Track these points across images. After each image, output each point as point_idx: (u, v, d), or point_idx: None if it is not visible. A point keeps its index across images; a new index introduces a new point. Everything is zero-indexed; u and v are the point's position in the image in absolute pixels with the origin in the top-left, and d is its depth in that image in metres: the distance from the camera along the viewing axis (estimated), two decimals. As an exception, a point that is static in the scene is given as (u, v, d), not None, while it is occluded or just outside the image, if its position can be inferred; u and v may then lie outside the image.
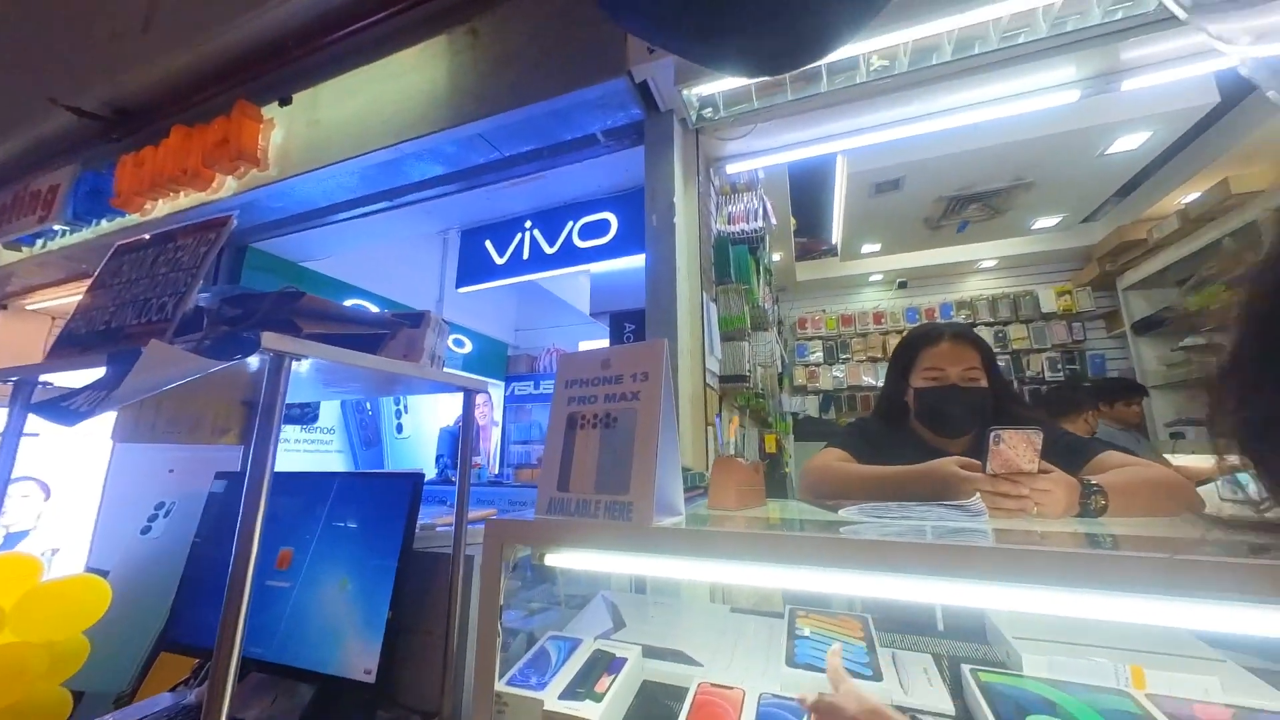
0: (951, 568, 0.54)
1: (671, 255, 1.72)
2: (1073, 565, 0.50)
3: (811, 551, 0.61)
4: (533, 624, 1.16)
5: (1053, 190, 3.12)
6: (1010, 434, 0.79)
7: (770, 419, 3.12)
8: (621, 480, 0.78)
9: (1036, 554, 0.47)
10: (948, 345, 1.14)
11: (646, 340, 1.26)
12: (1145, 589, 0.47)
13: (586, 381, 0.91)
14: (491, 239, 2.71)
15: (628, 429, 0.82)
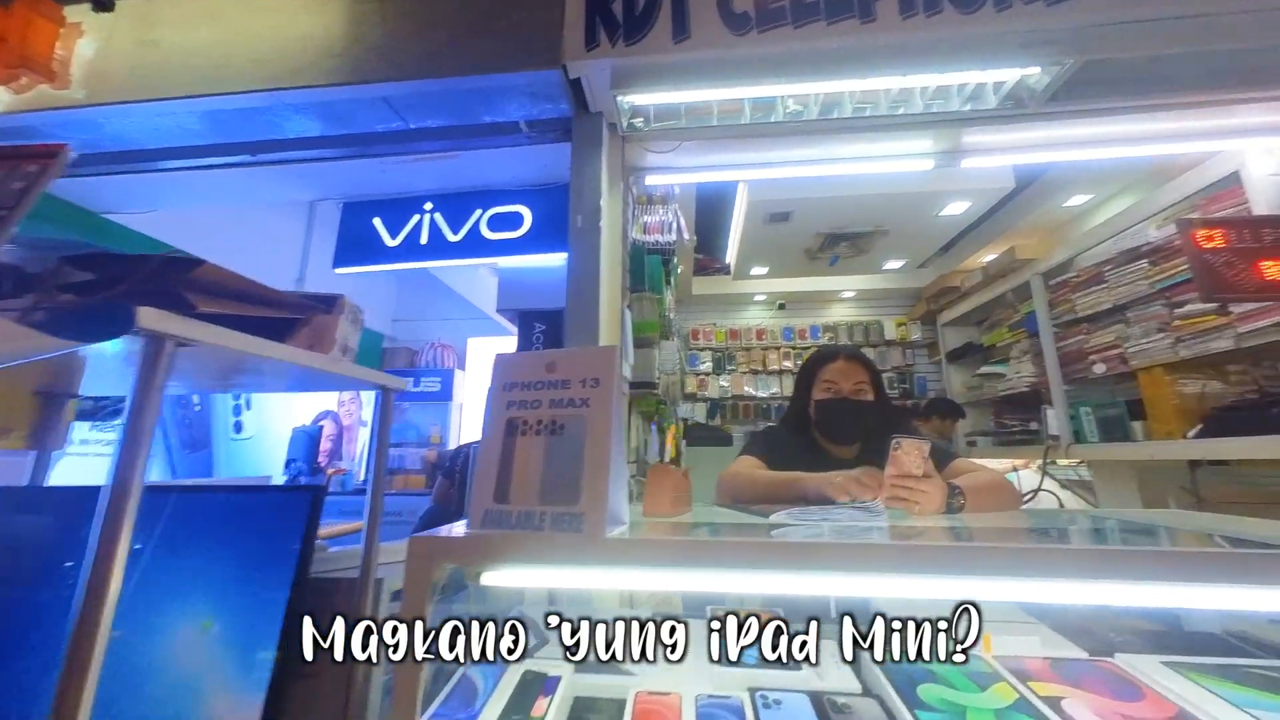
0: (888, 563, 0.62)
1: (595, 258, 1.70)
2: (956, 557, 0.61)
3: (767, 555, 0.65)
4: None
5: (901, 239, 3.75)
6: (908, 443, 0.94)
7: (667, 425, 3.24)
8: (570, 491, 0.75)
9: (966, 549, 0.56)
10: (842, 364, 1.33)
11: (594, 347, 1.22)
12: (999, 573, 0.60)
13: (529, 385, 0.86)
14: (383, 217, 2.41)
15: (577, 437, 0.79)
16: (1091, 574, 0.59)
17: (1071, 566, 0.60)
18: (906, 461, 0.95)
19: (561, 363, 0.86)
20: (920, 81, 1.56)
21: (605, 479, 0.74)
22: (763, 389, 4.97)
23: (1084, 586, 0.60)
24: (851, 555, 0.64)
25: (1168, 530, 0.87)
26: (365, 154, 2.05)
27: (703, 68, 1.56)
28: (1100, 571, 0.59)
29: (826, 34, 1.46)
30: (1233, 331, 2.15)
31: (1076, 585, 0.60)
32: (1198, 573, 0.57)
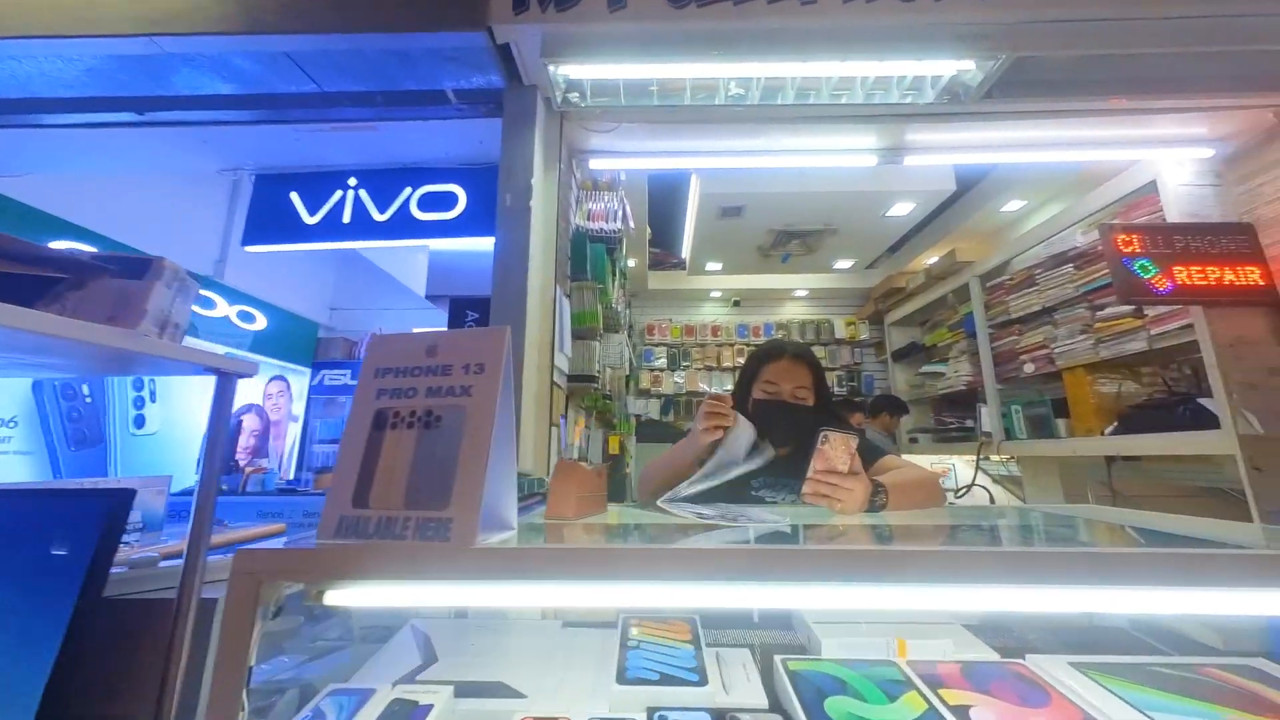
0: (773, 571, 0.55)
1: (525, 240, 1.59)
2: (874, 562, 0.55)
3: (642, 565, 0.57)
4: (311, 672, 0.92)
5: (849, 238, 3.81)
6: (835, 436, 0.90)
7: (616, 421, 3.16)
8: (441, 492, 0.64)
9: (885, 555, 0.50)
10: (786, 363, 1.26)
11: (482, 328, 1.11)
12: (917, 579, 0.54)
13: (405, 371, 0.75)
14: (301, 192, 2.20)
15: (454, 430, 0.68)
16: (1013, 578, 0.55)
17: (995, 570, 0.55)
18: (833, 456, 0.90)
19: (444, 346, 0.75)
20: (860, 70, 1.53)
21: (481, 478, 0.64)
22: (717, 386, 4.97)
23: (1005, 591, 0.56)
24: (758, 563, 0.57)
25: (1088, 525, 0.85)
26: (274, 119, 1.85)
27: (639, 40, 1.47)
28: (1023, 575, 0.54)
29: (767, 13, 1.40)
30: (1145, 334, 2.27)
31: (998, 590, 0.56)
32: (1131, 575, 0.53)
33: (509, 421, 0.74)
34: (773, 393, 1.24)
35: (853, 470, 0.93)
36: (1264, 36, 1.38)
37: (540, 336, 1.70)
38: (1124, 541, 0.76)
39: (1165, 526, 0.80)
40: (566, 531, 0.77)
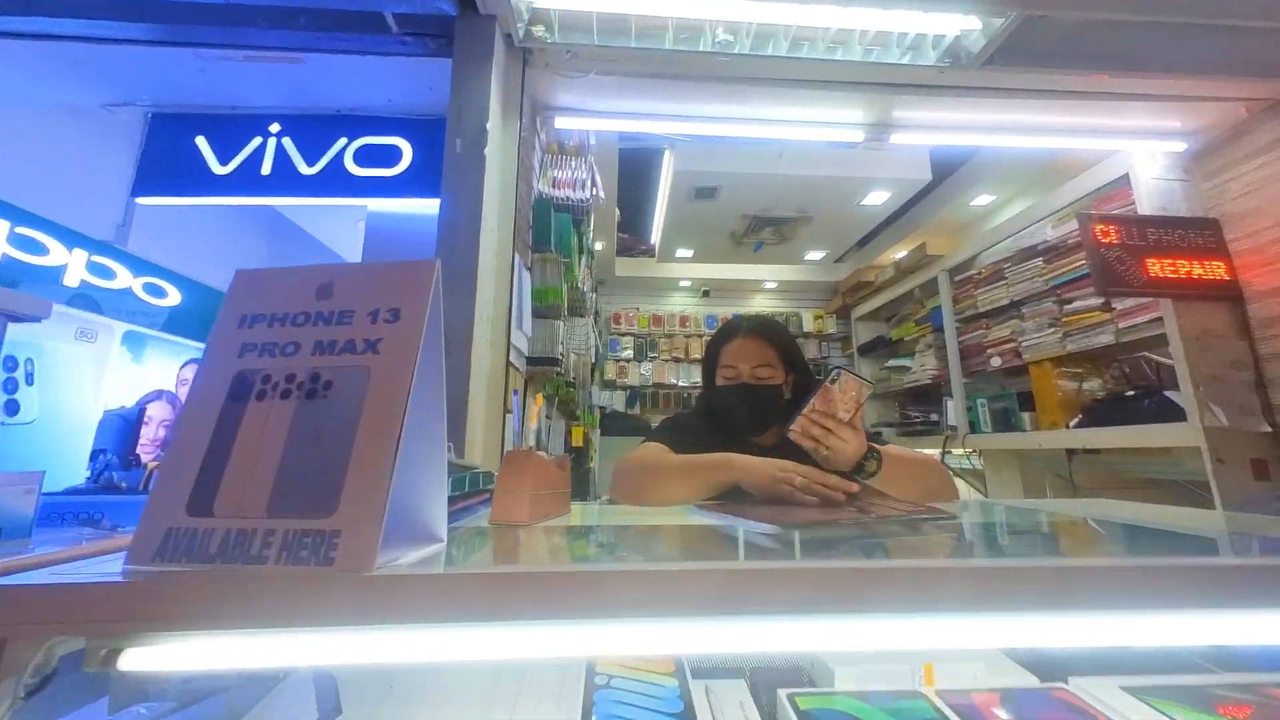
0: (831, 600, 0.37)
1: (478, 196, 1.36)
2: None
3: (627, 595, 0.39)
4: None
5: (823, 227, 3.75)
6: (849, 379, 0.78)
7: (579, 411, 2.95)
8: (325, 493, 0.43)
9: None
10: (741, 342, 1.10)
11: (400, 262, 0.85)
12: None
13: (283, 318, 0.53)
14: (210, 136, 1.86)
15: (351, 400, 0.47)
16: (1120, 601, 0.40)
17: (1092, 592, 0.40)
18: (838, 400, 0.78)
19: (343, 284, 0.54)
20: (862, 20, 1.39)
21: (387, 469, 0.44)
22: (684, 378, 4.84)
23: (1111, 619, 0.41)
24: (778, 586, 0.39)
25: (1133, 531, 0.73)
26: (170, 39, 1.53)
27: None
28: (1134, 597, 0.39)
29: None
30: (1113, 327, 2.28)
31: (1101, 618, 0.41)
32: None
33: (436, 390, 0.54)
34: (732, 377, 1.09)
35: (853, 424, 0.82)
36: (1268, 13, 1.33)
37: (495, 310, 1.48)
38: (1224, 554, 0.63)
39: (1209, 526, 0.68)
40: (518, 543, 0.58)
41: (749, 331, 1.11)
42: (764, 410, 1.08)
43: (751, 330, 1.11)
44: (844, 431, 0.81)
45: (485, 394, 1.35)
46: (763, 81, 1.73)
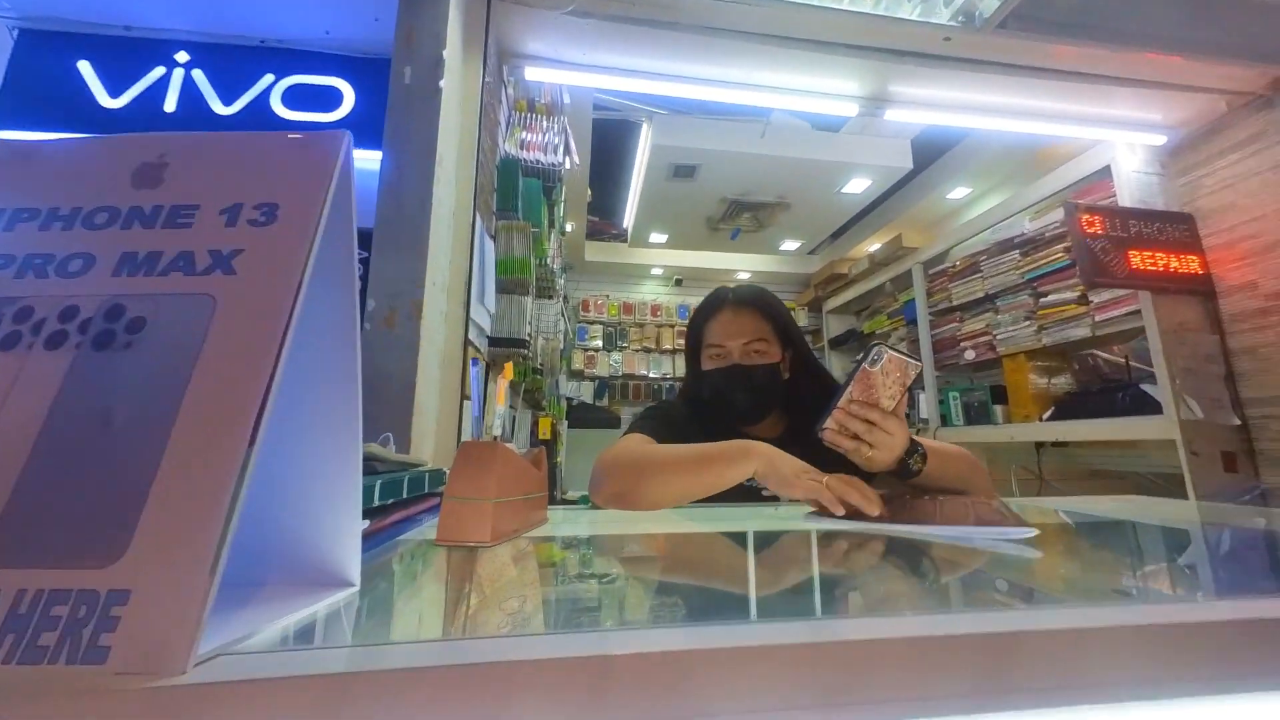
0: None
1: (431, 138, 1.13)
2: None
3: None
4: None
5: (801, 215, 3.67)
6: (892, 358, 0.61)
7: (546, 401, 2.74)
8: (107, 518, 0.23)
9: None
10: (729, 315, 0.93)
11: (278, 134, 0.58)
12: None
13: (70, 217, 0.31)
14: (95, 60, 1.53)
15: (176, 354, 0.27)
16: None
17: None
18: (881, 386, 0.62)
19: (183, 163, 0.33)
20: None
21: (232, 474, 0.24)
22: (655, 369, 4.69)
23: None
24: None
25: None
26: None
27: None
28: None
29: None
30: (1090, 320, 2.28)
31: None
32: None
33: (344, 352, 0.34)
34: (720, 357, 0.92)
35: (897, 413, 0.65)
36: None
37: (452, 279, 1.26)
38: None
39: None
40: (478, 584, 0.39)
41: (737, 303, 0.94)
42: (761, 394, 0.91)
43: (740, 301, 0.94)
44: (890, 424, 0.64)
45: (439, 375, 1.14)
46: (756, 38, 1.57)
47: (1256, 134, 1.88)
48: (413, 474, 0.59)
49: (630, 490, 0.75)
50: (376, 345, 1.04)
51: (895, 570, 0.44)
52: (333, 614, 0.29)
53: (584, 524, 0.69)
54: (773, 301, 0.96)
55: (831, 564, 0.45)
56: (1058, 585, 0.41)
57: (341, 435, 0.34)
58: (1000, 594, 0.37)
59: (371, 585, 0.35)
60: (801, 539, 0.54)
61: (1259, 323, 1.89)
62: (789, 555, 0.51)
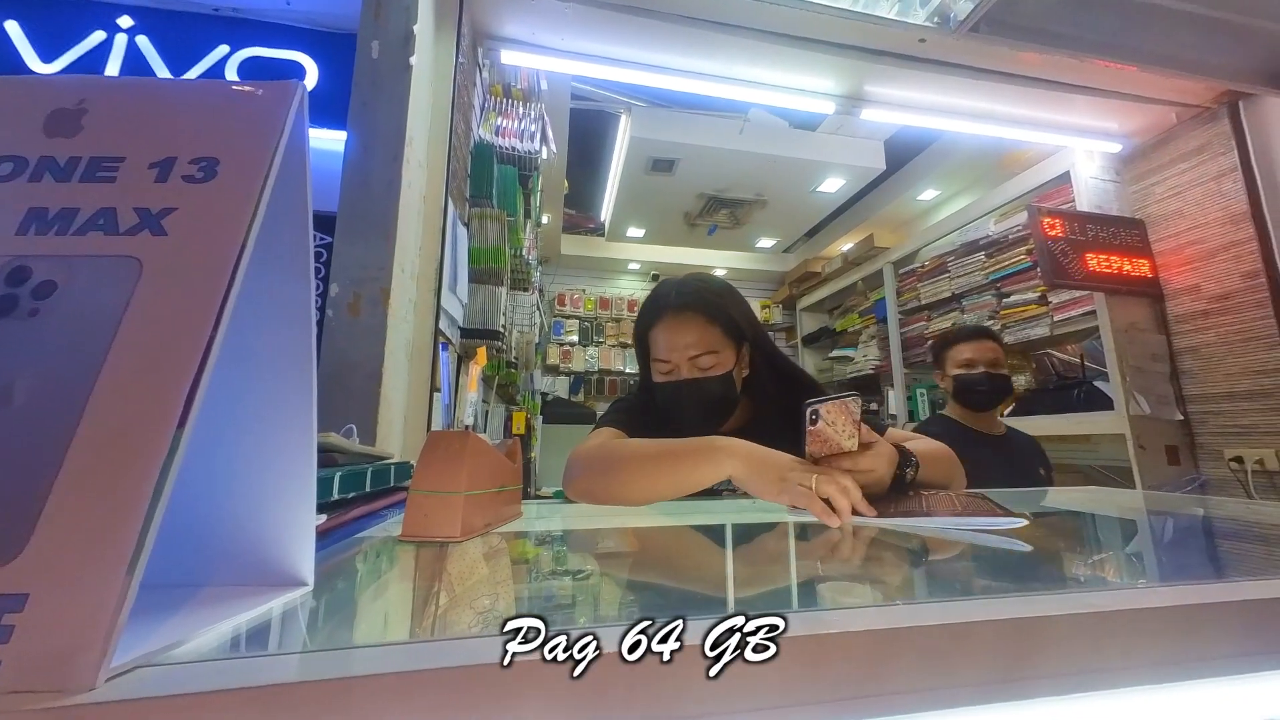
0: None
1: (401, 117, 1.08)
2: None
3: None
4: None
5: (777, 213, 3.70)
6: (828, 409, 0.58)
7: (520, 396, 2.69)
8: (2, 506, 0.20)
9: None
10: (671, 323, 0.85)
11: (218, 82, 0.49)
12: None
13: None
14: (24, 21, 1.41)
15: (93, 323, 0.23)
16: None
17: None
18: (832, 435, 0.59)
19: (105, 110, 0.29)
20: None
21: (157, 461, 0.21)
22: (631, 364, 4.67)
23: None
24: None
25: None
26: None
27: None
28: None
29: None
30: (1049, 320, 2.38)
31: None
32: None
33: (297, 330, 0.31)
34: (667, 373, 0.85)
35: (864, 441, 0.63)
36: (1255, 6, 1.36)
37: (422, 266, 1.21)
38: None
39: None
40: (448, 582, 0.36)
41: (680, 307, 0.85)
42: (715, 407, 0.86)
43: (683, 305, 0.85)
44: (862, 461, 0.61)
45: (407, 365, 1.09)
46: (737, 30, 1.56)
47: (1202, 145, 1.99)
48: (376, 467, 0.55)
49: (599, 487, 0.73)
50: (341, 333, 0.99)
51: (897, 563, 0.44)
52: (280, 617, 0.26)
53: (559, 518, 0.66)
54: (717, 298, 0.87)
55: (816, 559, 0.44)
56: (1059, 572, 0.42)
57: (293, 424, 0.31)
58: (1015, 583, 0.37)
59: (328, 584, 0.32)
60: (785, 533, 0.54)
61: (1201, 324, 2.01)
62: (770, 552, 0.50)
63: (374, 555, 0.43)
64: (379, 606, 0.32)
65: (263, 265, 0.28)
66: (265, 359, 0.30)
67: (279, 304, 0.31)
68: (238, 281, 0.24)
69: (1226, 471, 1.88)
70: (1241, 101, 1.90)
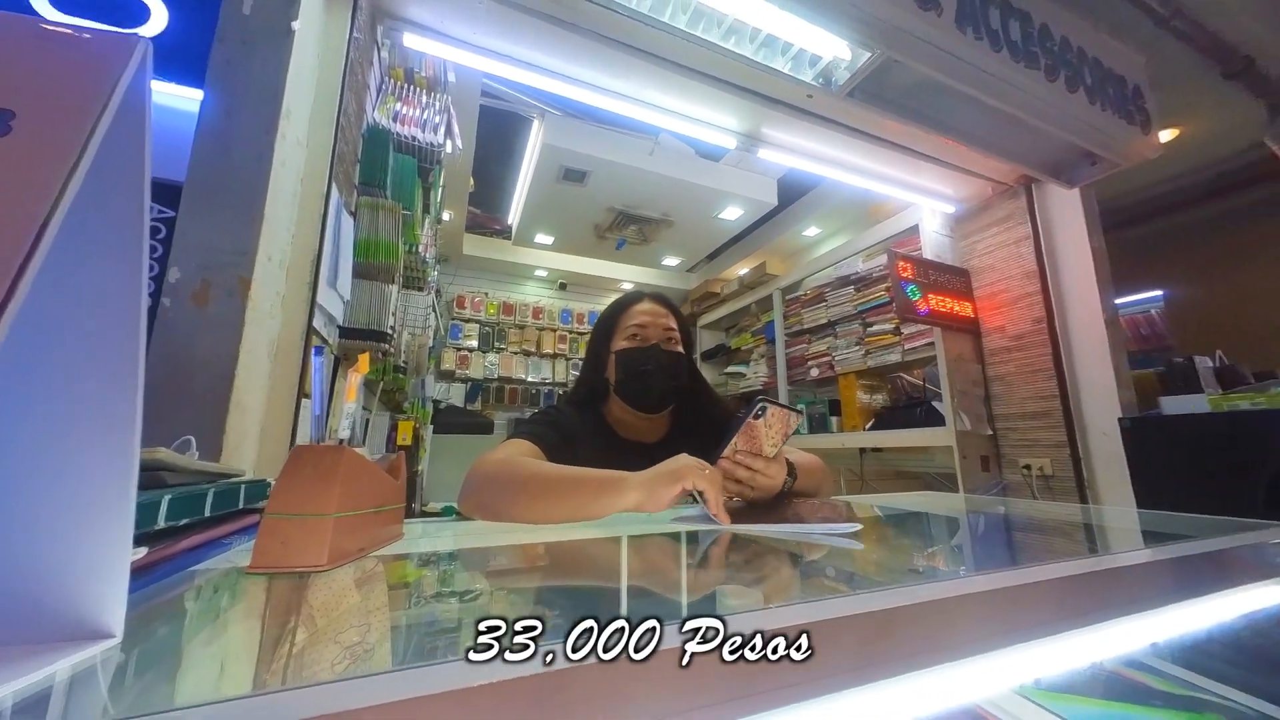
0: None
1: (277, 89, 0.96)
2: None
3: None
4: None
5: (683, 234, 3.89)
6: (775, 411, 0.66)
7: (409, 404, 2.47)
8: None
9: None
10: (649, 304, 1.03)
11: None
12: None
13: None
14: None
15: None
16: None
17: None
18: (764, 436, 0.67)
19: None
20: (756, 15, 1.39)
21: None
22: (534, 373, 4.55)
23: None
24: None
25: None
26: None
27: None
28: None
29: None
30: (900, 348, 2.78)
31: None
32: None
33: (118, 321, 0.26)
34: (640, 338, 0.98)
35: (779, 458, 0.72)
36: (1043, 114, 1.73)
37: (295, 255, 1.07)
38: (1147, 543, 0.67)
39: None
40: (306, 620, 0.32)
41: (655, 298, 1.04)
42: (673, 380, 0.97)
43: (658, 297, 1.05)
44: (771, 469, 0.70)
45: (270, 368, 0.95)
46: (652, 58, 1.63)
47: (1008, 215, 2.50)
48: (221, 487, 0.47)
49: (498, 503, 0.70)
50: (181, 327, 0.83)
51: (759, 567, 0.47)
52: (67, 683, 0.21)
53: (449, 536, 0.62)
54: (680, 312, 1.07)
55: (695, 564, 0.47)
56: (876, 567, 0.48)
57: (106, 438, 0.25)
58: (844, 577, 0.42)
59: (142, 633, 0.27)
60: (673, 541, 0.56)
61: (1005, 357, 2.49)
62: (657, 561, 0.51)
63: (210, 593, 0.37)
64: (209, 655, 0.27)
65: (79, 248, 0.23)
66: (73, 357, 0.25)
67: (96, 291, 0.25)
68: (36, 262, 0.20)
69: (1020, 477, 2.33)
70: (1034, 184, 2.41)
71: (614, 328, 1.02)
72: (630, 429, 1.00)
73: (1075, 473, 2.14)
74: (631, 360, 0.95)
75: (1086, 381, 2.19)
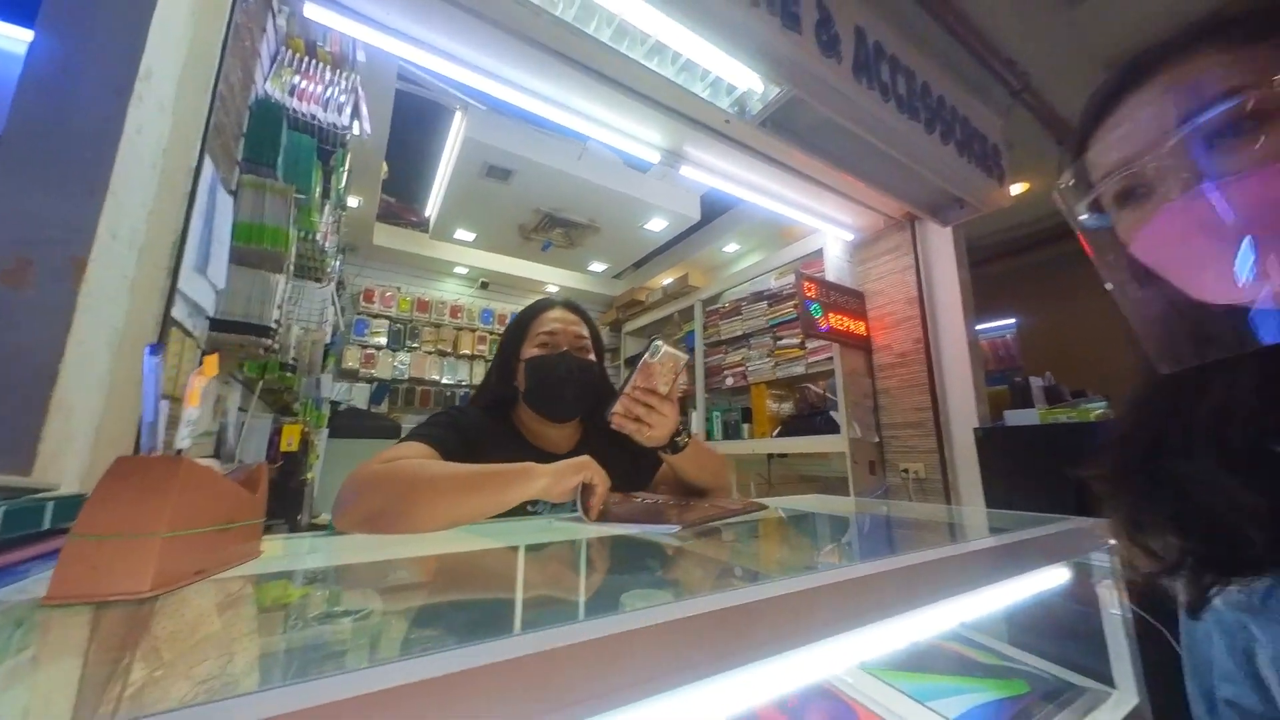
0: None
1: (135, 43, 0.84)
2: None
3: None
4: None
5: (609, 241, 3.91)
6: (667, 352, 0.76)
7: (299, 405, 2.24)
8: None
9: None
10: (560, 311, 1.02)
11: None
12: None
13: None
14: None
15: None
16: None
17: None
18: (659, 374, 0.77)
19: None
20: (679, 40, 1.45)
21: None
22: (450, 375, 4.32)
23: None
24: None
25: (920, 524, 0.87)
26: None
27: None
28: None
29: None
30: (805, 361, 3.01)
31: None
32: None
33: None
34: (550, 345, 0.97)
35: (670, 397, 0.81)
36: (922, 161, 1.96)
37: (150, 233, 0.93)
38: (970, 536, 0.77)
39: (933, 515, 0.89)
40: (120, 650, 0.28)
41: (566, 305, 1.04)
42: (584, 388, 0.96)
43: (569, 304, 1.04)
44: (665, 407, 0.79)
45: (111, 364, 0.82)
46: (579, 67, 1.64)
47: (895, 246, 2.81)
48: (17, 505, 0.40)
49: (393, 509, 0.66)
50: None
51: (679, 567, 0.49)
52: None
53: (323, 553, 0.57)
54: (593, 321, 1.07)
55: (595, 567, 0.48)
56: (783, 556, 0.52)
57: None
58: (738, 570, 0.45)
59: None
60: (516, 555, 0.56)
61: (891, 373, 2.79)
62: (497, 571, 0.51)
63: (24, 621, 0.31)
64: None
65: None
66: None
67: None
68: None
69: (900, 480, 2.61)
70: (916, 221, 2.74)
71: (524, 335, 1.00)
72: (540, 437, 0.99)
73: (943, 476, 2.44)
74: (540, 368, 0.94)
75: (953, 395, 2.52)
